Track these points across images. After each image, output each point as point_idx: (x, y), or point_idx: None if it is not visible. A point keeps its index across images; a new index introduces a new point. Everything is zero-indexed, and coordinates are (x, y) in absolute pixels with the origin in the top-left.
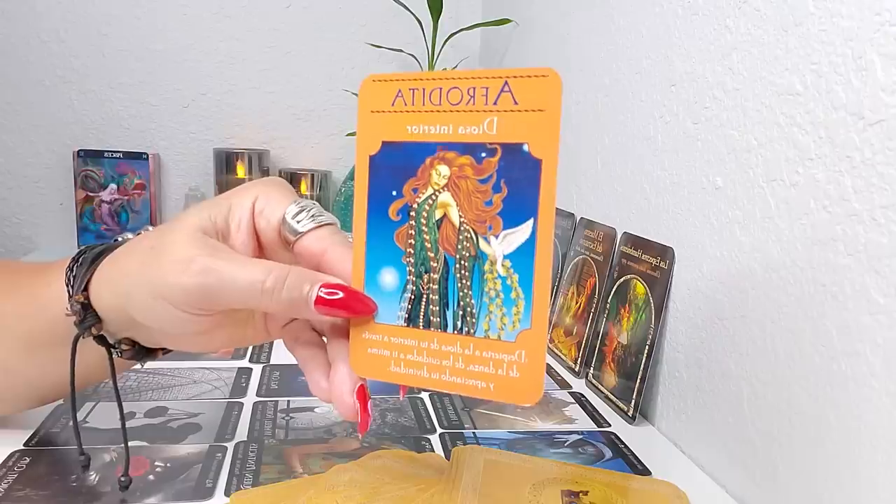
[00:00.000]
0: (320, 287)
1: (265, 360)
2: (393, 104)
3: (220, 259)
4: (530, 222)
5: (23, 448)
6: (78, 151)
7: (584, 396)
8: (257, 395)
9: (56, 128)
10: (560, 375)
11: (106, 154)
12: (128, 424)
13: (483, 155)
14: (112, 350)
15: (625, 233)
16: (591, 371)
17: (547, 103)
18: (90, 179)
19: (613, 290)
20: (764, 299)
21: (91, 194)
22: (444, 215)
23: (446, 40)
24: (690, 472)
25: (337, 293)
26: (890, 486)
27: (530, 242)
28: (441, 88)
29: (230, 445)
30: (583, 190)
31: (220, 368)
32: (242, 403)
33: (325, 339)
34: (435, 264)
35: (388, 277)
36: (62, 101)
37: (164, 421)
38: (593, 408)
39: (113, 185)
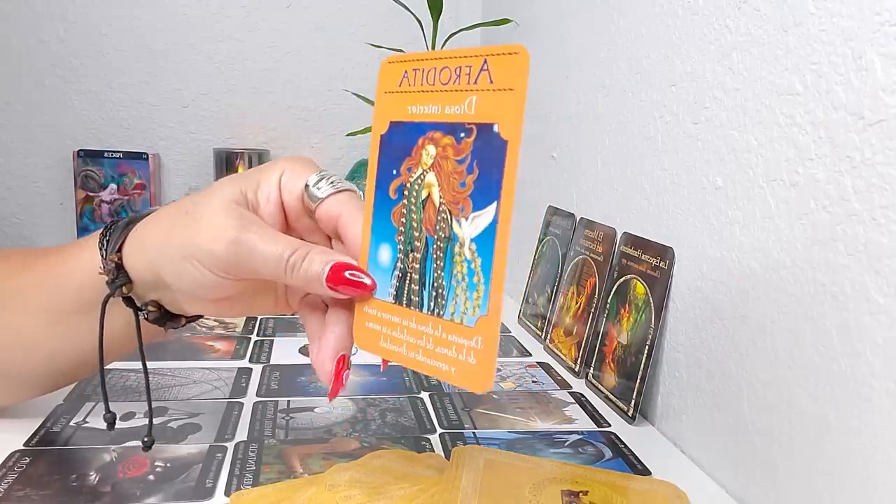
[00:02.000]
0: (331, 266)
1: (265, 360)
2: (400, 85)
3: (251, 232)
4: (494, 205)
5: (23, 448)
6: (78, 151)
7: (584, 396)
8: (257, 395)
9: (56, 128)
10: (560, 375)
11: (106, 154)
12: (128, 424)
13: (462, 135)
14: (139, 312)
15: (625, 233)
16: (591, 371)
17: (515, 82)
18: (90, 179)
19: (613, 290)
20: (764, 299)
21: (91, 194)
22: (429, 195)
23: (446, 40)
24: (690, 472)
25: (345, 273)
26: (890, 485)
27: (493, 226)
28: (435, 68)
29: (230, 445)
30: (583, 190)
31: (220, 368)
32: (242, 403)
33: None
34: (419, 244)
35: (384, 254)
36: (62, 101)
37: (164, 421)
38: (593, 408)
39: (113, 185)
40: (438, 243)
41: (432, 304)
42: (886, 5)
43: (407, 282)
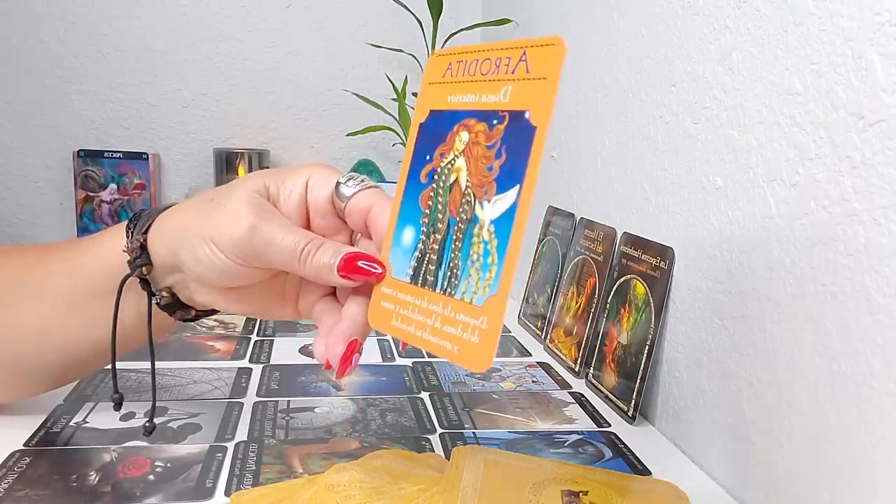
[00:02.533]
0: (342, 256)
1: (265, 360)
2: (443, 76)
3: (269, 222)
4: (516, 189)
5: (23, 448)
6: (78, 151)
7: (584, 396)
8: (257, 395)
9: (56, 128)
10: (560, 375)
11: (106, 154)
12: (128, 424)
13: (495, 122)
14: (153, 296)
15: (625, 233)
16: (591, 371)
17: (549, 71)
18: (90, 179)
19: (613, 290)
20: (764, 299)
21: (91, 194)
22: (456, 179)
23: (446, 40)
24: (690, 472)
25: (357, 263)
26: (890, 485)
27: (513, 209)
28: (478, 60)
29: (230, 445)
30: (583, 190)
31: (220, 368)
32: (242, 403)
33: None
34: (441, 226)
35: (408, 236)
36: (62, 101)
37: (164, 421)
38: (593, 408)
39: (113, 185)
40: (460, 225)
41: (446, 283)
42: (886, 5)
43: (425, 262)
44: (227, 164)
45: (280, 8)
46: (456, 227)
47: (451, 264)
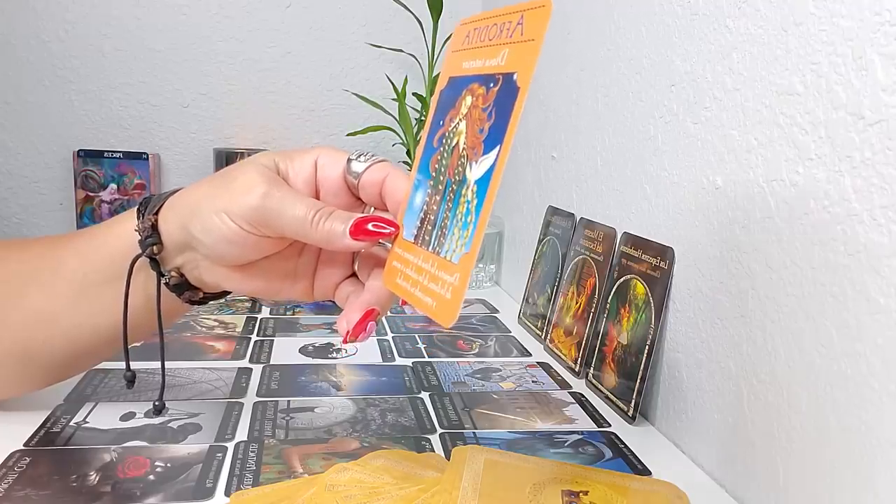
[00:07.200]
0: (353, 221)
1: (265, 360)
2: (462, 44)
3: (281, 189)
4: (496, 150)
5: (23, 448)
6: (78, 151)
7: (584, 396)
8: (257, 395)
9: (56, 128)
10: (560, 375)
11: (106, 154)
12: (128, 424)
13: (491, 85)
14: (162, 276)
15: (625, 233)
16: (591, 371)
17: (536, 33)
18: (90, 179)
19: (613, 290)
20: (764, 299)
21: (91, 194)
22: (457, 142)
23: (446, 40)
24: (690, 472)
25: (367, 226)
26: (890, 485)
27: (492, 169)
28: (488, 26)
29: (230, 445)
30: (583, 190)
31: (220, 368)
32: (242, 403)
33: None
34: (441, 187)
35: (418, 199)
36: (62, 101)
37: (164, 421)
38: (593, 408)
39: (113, 185)
40: (453, 186)
41: (436, 242)
42: (886, 5)
43: (425, 223)
44: (226, 164)
45: (280, 8)
46: (450, 189)
47: (442, 224)
